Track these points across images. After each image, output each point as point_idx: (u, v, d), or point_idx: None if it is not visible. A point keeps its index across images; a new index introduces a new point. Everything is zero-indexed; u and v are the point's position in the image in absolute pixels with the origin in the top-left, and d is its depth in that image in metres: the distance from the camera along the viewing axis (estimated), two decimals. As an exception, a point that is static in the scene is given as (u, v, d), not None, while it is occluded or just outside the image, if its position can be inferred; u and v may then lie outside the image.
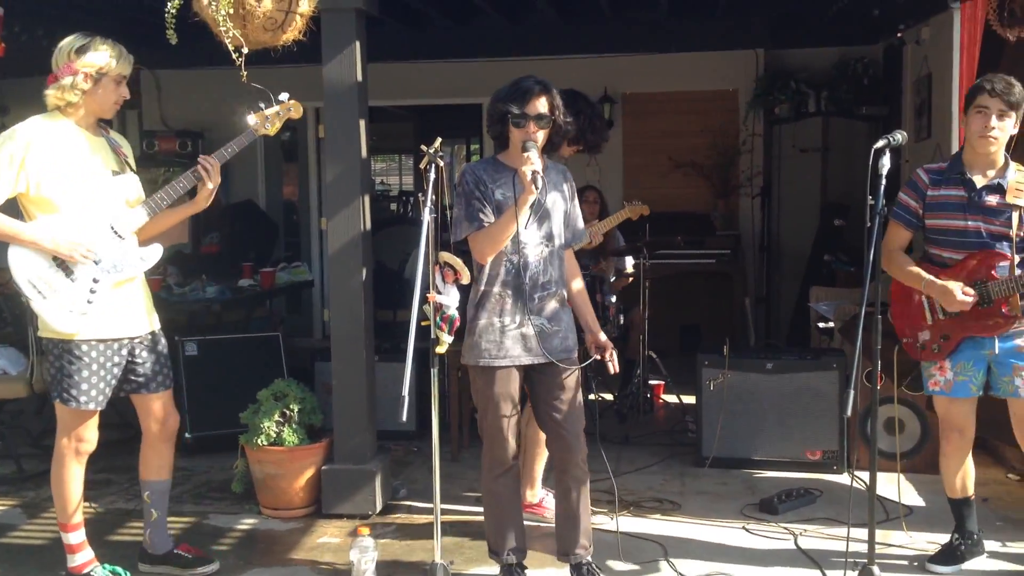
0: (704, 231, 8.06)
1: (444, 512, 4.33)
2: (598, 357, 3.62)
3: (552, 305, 3.51)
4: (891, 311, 3.89)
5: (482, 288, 3.52)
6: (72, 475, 3.69)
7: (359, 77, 4.46)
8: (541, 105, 3.39)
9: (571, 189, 3.65)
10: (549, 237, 3.50)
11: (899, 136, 3.46)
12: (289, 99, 3.98)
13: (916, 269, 3.68)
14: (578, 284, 3.69)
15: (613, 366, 3.60)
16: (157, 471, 3.89)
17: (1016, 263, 3.52)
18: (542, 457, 4.38)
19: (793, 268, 8.32)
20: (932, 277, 3.62)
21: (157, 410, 3.81)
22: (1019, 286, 3.47)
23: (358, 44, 4.44)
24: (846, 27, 7.75)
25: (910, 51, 7.32)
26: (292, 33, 4.13)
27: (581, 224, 3.70)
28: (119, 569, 3.84)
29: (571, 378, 3.55)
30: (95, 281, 3.53)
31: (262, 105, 3.96)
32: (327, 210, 4.58)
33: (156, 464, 3.88)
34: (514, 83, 3.46)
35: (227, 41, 3.97)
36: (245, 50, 3.99)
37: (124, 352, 3.67)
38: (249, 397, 4.59)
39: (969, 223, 3.59)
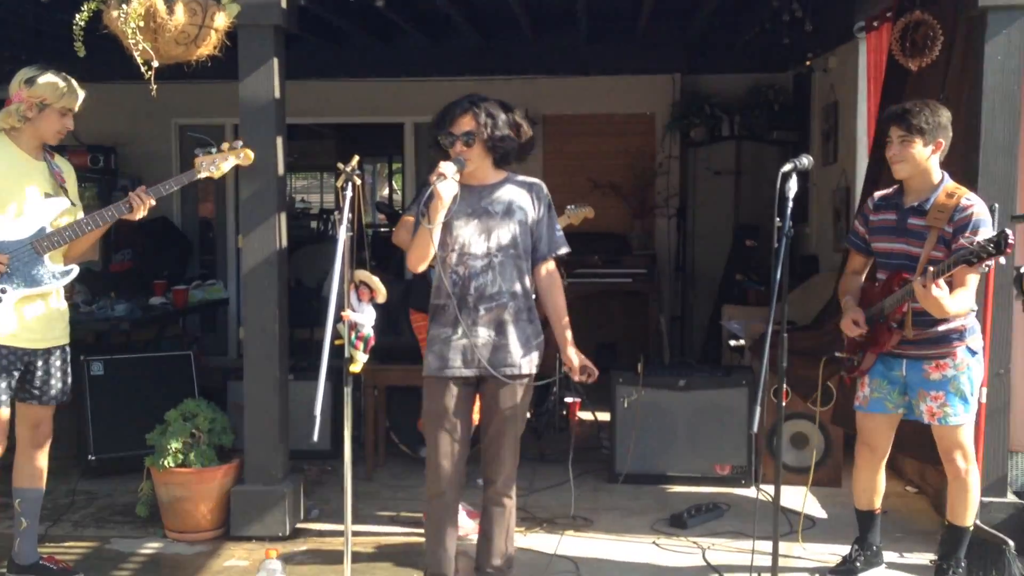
0: (621, 251, 8.18)
1: (357, 533, 4.33)
2: (574, 376, 3.56)
3: (501, 317, 3.46)
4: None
5: (433, 301, 3.53)
6: None
7: (277, 94, 4.44)
8: (466, 123, 3.42)
9: (542, 201, 3.57)
10: (501, 248, 3.46)
11: (805, 160, 3.58)
12: (242, 146, 3.97)
13: (851, 288, 3.87)
14: (554, 297, 3.60)
15: (582, 379, 3.57)
16: (30, 479, 3.92)
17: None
18: None
19: (707, 287, 8.50)
20: (849, 297, 3.81)
21: (33, 416, 3.88)
22: (898, 300, 3.59)
23: (276, 61, 4.42)
24: (758, 55, 8.01)
25: (818, 79, 7.58)
26: (206, 48, 4.09)
27: (559, 235, 3.61)
28: None
29: (511, 395, 3.50)
30: (2, 291, 3.67)
31: (213, 148, 3.94)
32: (243, 227, 4.53)
33: (28, 472, 3.92)
34: (445, 106, 3.50)
35: (136, 55, 3.92)
36: (155, 64, 3.94)
37: (25, 360, 3.77)
38: (157, 418, 4.51)
39: (896, 245, 3.72)
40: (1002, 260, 3.48)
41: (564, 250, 3.62)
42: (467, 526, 4.42)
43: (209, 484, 4.38)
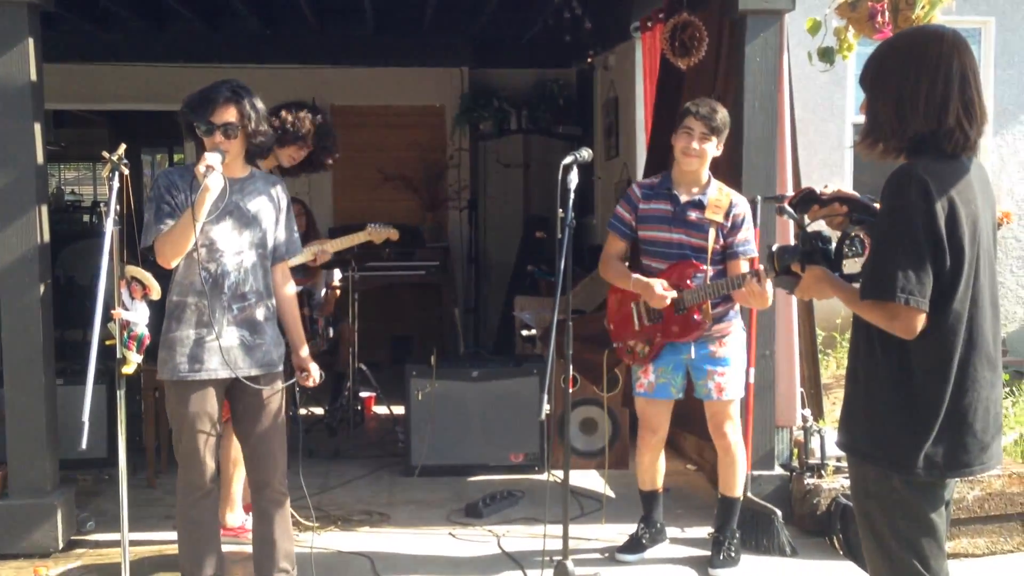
0: (414, 243, 8.16)
1: (139, 543, 4.09)
2: (302, 376, 3.56)
3: (255, 316, 3.38)
4: (607, 318, 4.13)
5: (175, 298, 3.36)
6: None
7: (33, 76, 4.11)
8: (229, 114, 3.28)
9: (284, 201, 3.53)
10: (252, 246, 3.37)
11: (585, 153, 3.68)
12: None
13: (626, 272, 3.92)
14: (289, 298, 3.57)
15: (312, 381, 3.56)
16: None
17: (710, 275, 3.82)
18: (240, 476, 4.23)
19: (499, 278, 8.64)
20: (639, 276, 3.88)
21: None
22: (708, 294, 3.76)
23: (31, 40, 4.10)
24: (542, 51, 8.22)
25: (599, 76, 7.86)
26: (-49, 25, 3.74)
27: (296, 237, 3.59)
28: None
29: (272, 394, 3.44)
30: None
31: None
32: (-2, 221, 4.17)
33: None
34: (203, 90, 3.33)
35: None
36: None
37: None
38: (-98, 432, 4.08)
39: (673, 235, 3.87)
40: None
41: (300, 258, 3.59)
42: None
43: (-35, 502, 4.01)
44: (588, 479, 5.08)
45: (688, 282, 3.82)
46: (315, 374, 3.57)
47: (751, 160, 4.38)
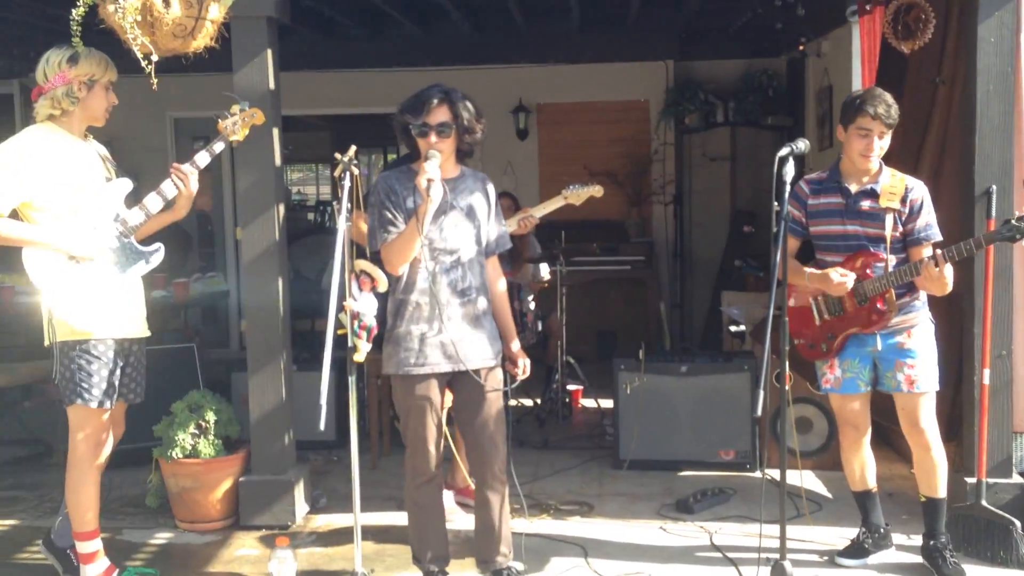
0: (619, 238, 8.21)
1: (364, 520, 4.33)
2: (513, 368, 3.68)
3: (473, 312, 3.51)
4: (787, 314, 4.02)
5: (399, 296, 3.52)
6: (88, 480, 3.67)
7: (271, 85, 4.43)
8: (441, 114, 3.39)
9: (493, 196, 3.64)
10: (468, 243, 3.50)
11: (802, 144, 3.59)
12: (250, 106, 4.01)
13: (800, 268, 3.84)
14: (501, 291, 3.70)
15: (518, 374, 3.68)
16: None
17: (892, 264, 3.66)
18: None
19: (705, 273, 8.52)
20: (812, 270, 3.80)
21: (115, 416, 3.82)
22: (890, 282, 3.62)
23: (270, 52, 4.42)
24: (751, 40, 8.02)
25: (812, 64, 7.58)
26: (203, 40, 4.08)
27: (504, 230, 3.69)
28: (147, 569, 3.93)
29: (493, 383, 3.56)
30: (106, 281, 3.62)
31: (226, 113, 3.96)
32: (241, 219, 4.54)
33: None
34: (416, 94, 3.47)
35: (135, 48, 3.90)
36: (155, 57, 3.93)
37: (130, 351, 3.76)
38: (163, 410, 4.52)
39: (848, 227, 3.75)
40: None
41: (508, 247, 3.71)
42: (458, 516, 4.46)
43: (217, 474, 4.40)
44: (802, 479, 4.93)
45: (868, 272, 3.69)
46: (525, 366, 3.67)
47: (984, 148, 4.10)
